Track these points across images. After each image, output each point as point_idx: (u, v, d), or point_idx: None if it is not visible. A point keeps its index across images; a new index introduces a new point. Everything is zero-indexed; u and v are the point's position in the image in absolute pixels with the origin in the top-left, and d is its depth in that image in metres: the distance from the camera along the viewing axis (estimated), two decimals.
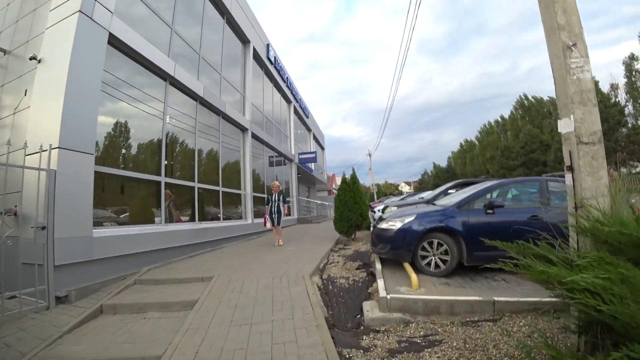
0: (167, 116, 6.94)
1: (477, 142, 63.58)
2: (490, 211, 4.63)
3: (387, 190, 79.19)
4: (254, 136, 11.75)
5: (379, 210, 11.31)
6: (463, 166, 67.74)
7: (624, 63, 29.59)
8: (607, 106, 25.82)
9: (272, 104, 14.94)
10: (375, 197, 41.19)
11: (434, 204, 5.90)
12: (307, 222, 16.43)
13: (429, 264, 4.66)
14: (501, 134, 55.51)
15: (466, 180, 8.63)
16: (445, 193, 7.74)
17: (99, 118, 5.06)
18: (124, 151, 6.11)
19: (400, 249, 4.75)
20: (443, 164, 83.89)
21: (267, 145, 13.45)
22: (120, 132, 6.04)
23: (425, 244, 4.65)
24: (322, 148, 30.59)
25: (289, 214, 12.73)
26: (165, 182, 6.69)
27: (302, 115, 20.74)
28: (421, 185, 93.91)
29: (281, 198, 8.25)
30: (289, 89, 17.21)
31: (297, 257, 6.16)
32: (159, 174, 6.57)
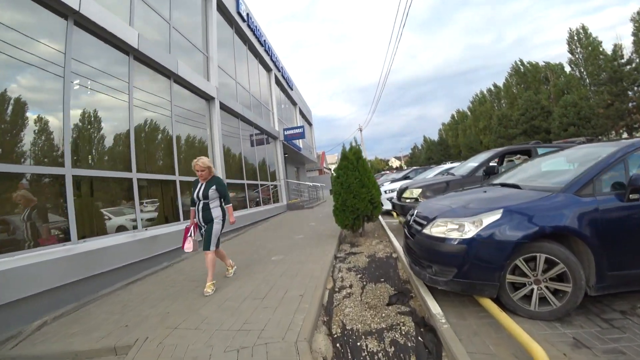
0: (69, 70, 4.48)
1: (469, 113, 61.71)
2: (636, 196, 2.49)
3: (379, 166, 77.41)
4: (225, 108, 9.33)
5: (388, 191, 9.16)
6: (455, 138, 66.10)
7: (631, 19, 27.42)
8: (620, 65, 23.80)
9: (248, 72, 12.39)
10: None
11: (501, 185, 3.68)
12: (298, 209, 14.26)
13: (527, 297, 2.54)
14: (495, 103, 53.60)
15: (512, 148, 6.49)
16: (486, 167, 5.56)
17: None
18: None
19: (479, 277, 2.59)
20: (432, 137, 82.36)
21: (245, 120, 11.04)
22: None
23: (520, 262, 2.52)
24: (310, 124, 28.10)
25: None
26: (73, 175, 4.35)
27: (285, 86, 18.16)
28: (412, 160, 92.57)
29: (213, 192, 4.02)
30: (268, 55, 14.60)
31: (282, 283, 3.91)
32: (62, 165, 4.22)
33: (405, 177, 14.44)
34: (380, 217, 8.01)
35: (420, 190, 5.86)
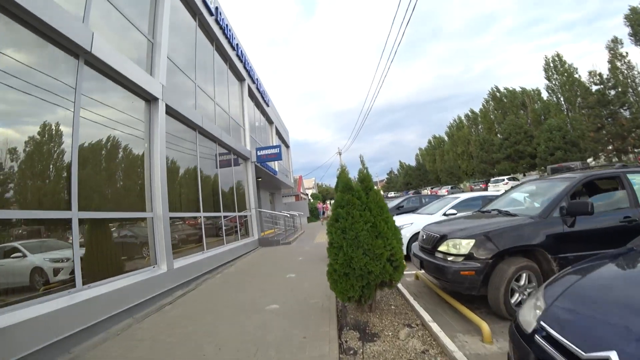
0: None
1: (446, 138, 62.08)
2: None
3: None
4: (175, 115, 6.93)
5: None
6: (432, 163, 66.20)
7: (607, 47, 27.84)
8: (606, 87, 23.57)
9: (214, 76, 10.10)
10: None
11: None
12: (272, 244, 11.70)
13: None
14: (472, 128, 54.03)
15: (597, 175, 4.40)
16: (570, 205, 3.44)
17: None
18: None
19: None
20: (408, 162, 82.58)
21: (206, 134, 8.63)
22: None
23: None
24: (287, 146, 25.91)
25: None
26: None
27: (260, 101, 15.97)
28: (389, 185, 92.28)
29: None
30: (241, 61, 12.43)
31: None
32: None
33: (399, 207, 12.37)
34: None
35: (473, 241, 3.62)
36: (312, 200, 33.71)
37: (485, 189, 30.27)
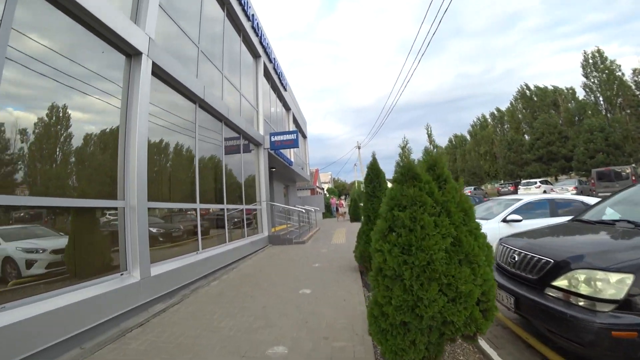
0: None
1: (468, 137, 59.30)
2: None
3: None
4: (166, 78, 5.52)
5: None
6: (453, 162, 63.49)
7: None
8: None
9: (224, 46, 8.65)
10: None
11: None
12: (283, 243, 10.28)
13: None
14: (497, 127, 51.26)
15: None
16: None
17: None
18: None
19: None
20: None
21: (210, 110, 7.23)
22: None
23: None
24: (304, 136, 24.44)
25: None
26: None
27: (277, 83, 14.50)
28: None
29: None
30: (257, 35, 10.97)
31: None
32: None
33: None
34: None
35: (631, 277, 2.04)
36: (327, 195, 32.24)
37: (515, 192, 28.12)
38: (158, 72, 5.19)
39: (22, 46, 3.19)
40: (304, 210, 11.48)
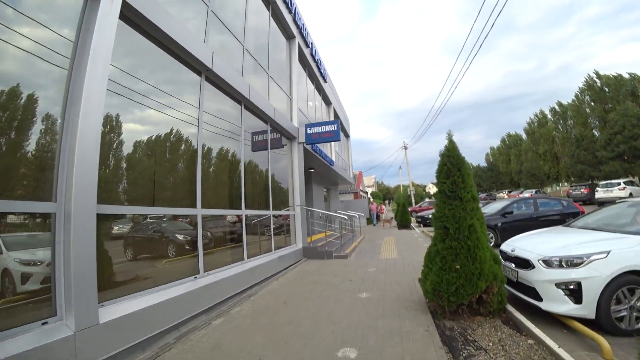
0: None
1: (524, 136, 53.60)
2: None
3: (422, 193, 70.08)
4: (145, 28, 3.92)
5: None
6: (507, 164, 57.99)
7: None
8: None
9: (246, 16, 7.04)
10: (414, 200, 32.76)
11: None
12: (321, 257, 8.43)
13: None
14: (559, 124, 45.55)
15: None
16: None
17: None
18: None
19: None
20: (473, 163, 73.52)
21: (223, 88, 5.64)
22: None
23: None
24: (347, 136, 22.54)
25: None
26: None
27: (315, 71, 12.78)
28: None
29: None
30: (290, 11, 9.33)
31: None
32: None
33: (505, 213, 8.66)
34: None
35: None
36: (372, 199, 29.99)
37: (590, 195, 23.96)
38: (134, 18, 3.61)
39: None
40: (346, 217, 9.53)
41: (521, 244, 4.23)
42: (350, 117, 23.26)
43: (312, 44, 11.95)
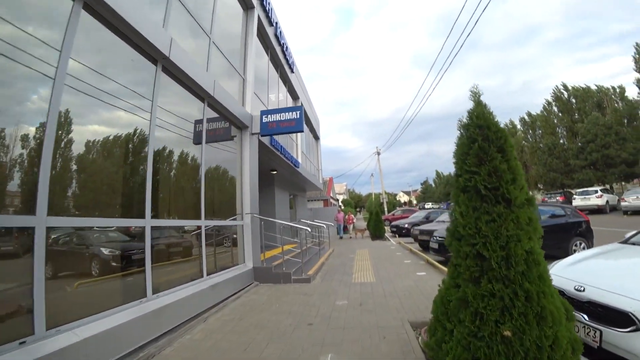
0: None
1: None
2: None
3: (394, 201, 69.62)
4: None
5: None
6: None
7: None
8: None
9: None
10: (387, 208, 31.49)
11: None
12: (277, 280, 6.50)
13: None
14: (527, 133, 46.64)
15: None
16: None
17: None
18: None
19: None
20: (443, 172, 74.68)
21: (137, 42, 3.65)
22: None
23: None
24: (317, 138, 20.81)
25: None
26: None
27: (280, 57, 10.94)
28: (425, 195, 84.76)
29: None
30: None
31: None
32: None
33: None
34: None
35: None
36: (343, 207, 28.35)
37: (566, 202, 23.65)
38: None
39: None
40: (309, 230, 7.53)
41: (595, 279, 2.55)
42: (323, 125, 21.62)
43: (277, 23, 10.14)
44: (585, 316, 2.36)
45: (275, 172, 11.59)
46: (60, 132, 2.93)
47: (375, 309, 4.41)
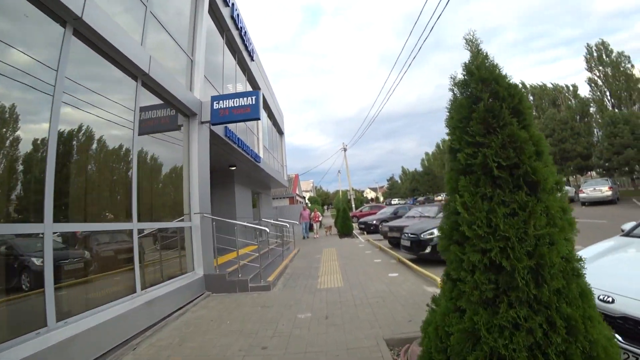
0: None
1: None
2: None
3: (361, 198, 70.04)
4: None
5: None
6: (442, 168, 60.51)
7: None
8: None
9: None
10: (354, 205, 31.23)
11: None
12: (233, 289, 5.70)
13: None
14: None
15: None
16: None
17: None
18: None
19: None
20: (409, 169, 76.54)
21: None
22: None
23: None
24: (281, 133, 19.96)
25: None
26: None
27: (238, 42, 10.00)
28: (391, 191, 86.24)
29: None
30: None
31: None
32: None
33: None
34: None
35: None
36: (309, 205, 27.72)
37: None
38: None
39: None
40: (268, 230, 6.67)
41: (623, 284, 2.04)
42: (290, 124, 20.83)
43: (234, 4, 9.23)
44: (620, 337, 1.83)
45: (234, 168, 10.67)
46: None
47: (344, 323, 3.77)
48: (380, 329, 3.50)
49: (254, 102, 6.13)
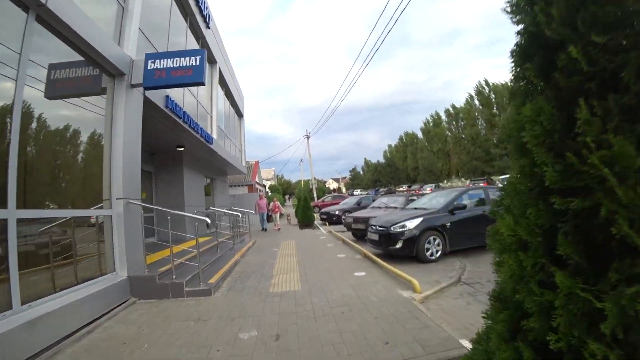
0: None
1: (420, 135, 57.58)
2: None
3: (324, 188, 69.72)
4: None
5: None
6: (403, 160, 61.56)
7: None
8: None
9: None
10: (316, 195, 30.44)
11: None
12: (165, 295, 4.60)
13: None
14: (451, 124, 49.93)
15: None
16: None
17: None
18: None
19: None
20: (372, 160, 77.51)
21: None
22: None
23: None
24: (240, 115, 18.53)
25: None
26: None
27: (188, 0, 8.58)
28: (354, 182, 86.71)
29: None
30: None
31: None
32: None
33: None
34: None
35: None
36: (270, 194, 26.53)
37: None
38: None
39: None
40: (208, 221, 5.53)
41: None
42: (254, 111, 19.43)
43: None
44: None
45: (182, 149, 9.35)
46: None
47: (300, 349, 2.87)
48: (350, 356, 2.65)
49: (197, 63, 4.95)
